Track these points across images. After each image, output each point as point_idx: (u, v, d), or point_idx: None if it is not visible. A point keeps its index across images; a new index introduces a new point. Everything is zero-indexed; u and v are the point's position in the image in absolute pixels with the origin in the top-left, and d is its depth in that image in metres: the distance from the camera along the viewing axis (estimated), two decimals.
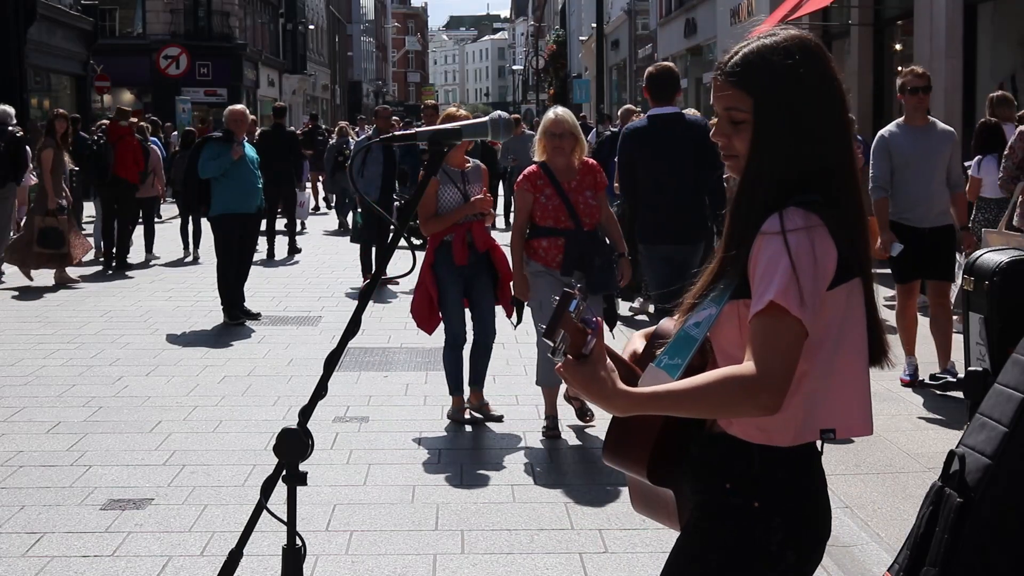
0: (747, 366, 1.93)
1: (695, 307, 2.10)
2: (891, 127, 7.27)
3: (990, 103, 9.30)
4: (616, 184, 8.05)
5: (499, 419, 6.56)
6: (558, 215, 6.11)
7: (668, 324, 2.23)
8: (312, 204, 21.03)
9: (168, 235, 16.03)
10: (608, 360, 1.95)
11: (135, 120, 15.12)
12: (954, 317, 7.48)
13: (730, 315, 2.03)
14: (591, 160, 6.34)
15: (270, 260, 14.91)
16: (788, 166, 2.03)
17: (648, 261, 6.92)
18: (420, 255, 6.79)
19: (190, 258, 14.83)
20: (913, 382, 7.14)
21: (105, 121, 15.29)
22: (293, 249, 15.83)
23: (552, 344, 1.90)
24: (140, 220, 14.68)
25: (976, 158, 8.72)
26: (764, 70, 2.04)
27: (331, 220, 20.91)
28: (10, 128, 13.01)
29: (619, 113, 12.43)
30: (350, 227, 14.82)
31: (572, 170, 6.18)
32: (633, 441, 2.13)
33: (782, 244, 1.95)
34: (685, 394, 1.94)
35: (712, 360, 2.12)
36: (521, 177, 6.25)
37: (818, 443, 2.11)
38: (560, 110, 6.30)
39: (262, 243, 13.75)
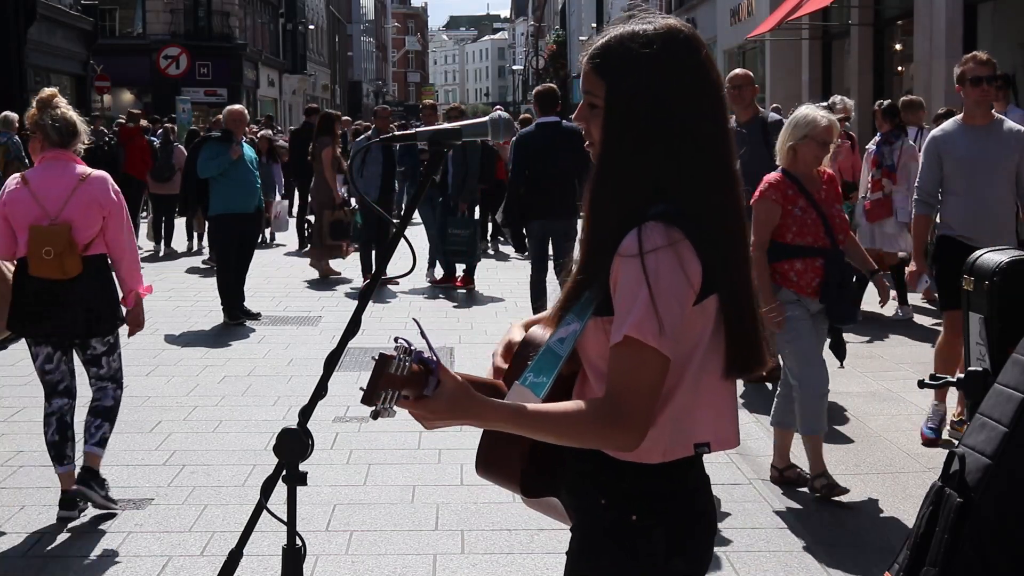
0: (604, 404, 1.87)
1: (561, 318, 2.01)
2: (946, 125, 6.10)
3: (902, 106, 9.98)
4: None
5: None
6: (816, 231, 5.16)
7: (537, 332, 2.12)
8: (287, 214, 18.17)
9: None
10: (459, 380, 1.87)
11: (147, 121, 16.38)
12: None
13: (595, 330, 1.95)
14: (828, 169, 5.41)
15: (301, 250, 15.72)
16: (639, 162, 1.93)
17: (532, 230, 8.97)
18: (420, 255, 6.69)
19: (195, 249, 15.82)
20: (937, 440, 5.90)
21: (121, 120, 16.54)
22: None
23: (374, 408, 1.82)
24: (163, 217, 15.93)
25: None
26: (620, 57, 1.94)
27: None
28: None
29: None
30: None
31: (816, 180, 5.28)
32: (504, 456, 2.05)
33: (639, 268, 1.85)
34: (544, 419, 1.88)
35: (582, 371, 2.04)
36: (767, 186, 5.25)
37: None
38: (832, 115, 5.34)
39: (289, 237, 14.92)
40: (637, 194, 1.93)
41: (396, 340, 1.87)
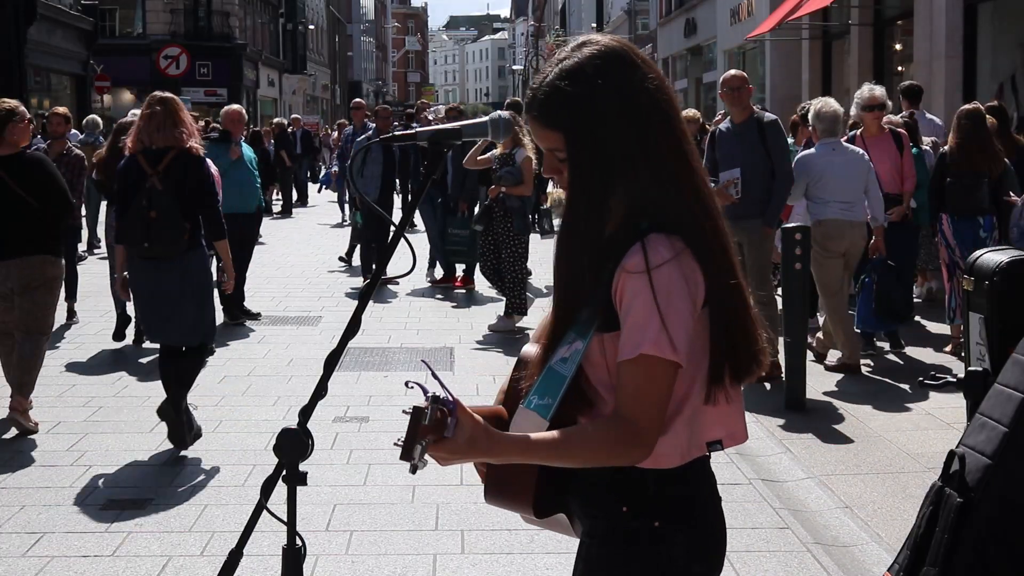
0: (620, 421, 1.88)
1: (559, 338, 1.99)
2: None
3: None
4: None
5: None
6: None
7: (530, 349, 2.11)
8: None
9: None
10: (476, 418, 1.88)
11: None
12: None
13: (600, 346, 1.94)
14: None
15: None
16: (614, 193, 1.93)
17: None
18: (420, 255, 6.69)
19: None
20: None
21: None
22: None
23: (411, 462, 1.83)
24: None
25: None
26: (564, 104, 1.92)
27: (332, 219, 20.88)
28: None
29: None
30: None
31: None
32: (516, 479, 2.02)
33: (647, 284, 1.86)
34: (561, 446, 1.89)
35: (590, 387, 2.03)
36: None
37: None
38: None
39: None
40: (618, 217, 1.94)
41: (408, 384, 1.89)
